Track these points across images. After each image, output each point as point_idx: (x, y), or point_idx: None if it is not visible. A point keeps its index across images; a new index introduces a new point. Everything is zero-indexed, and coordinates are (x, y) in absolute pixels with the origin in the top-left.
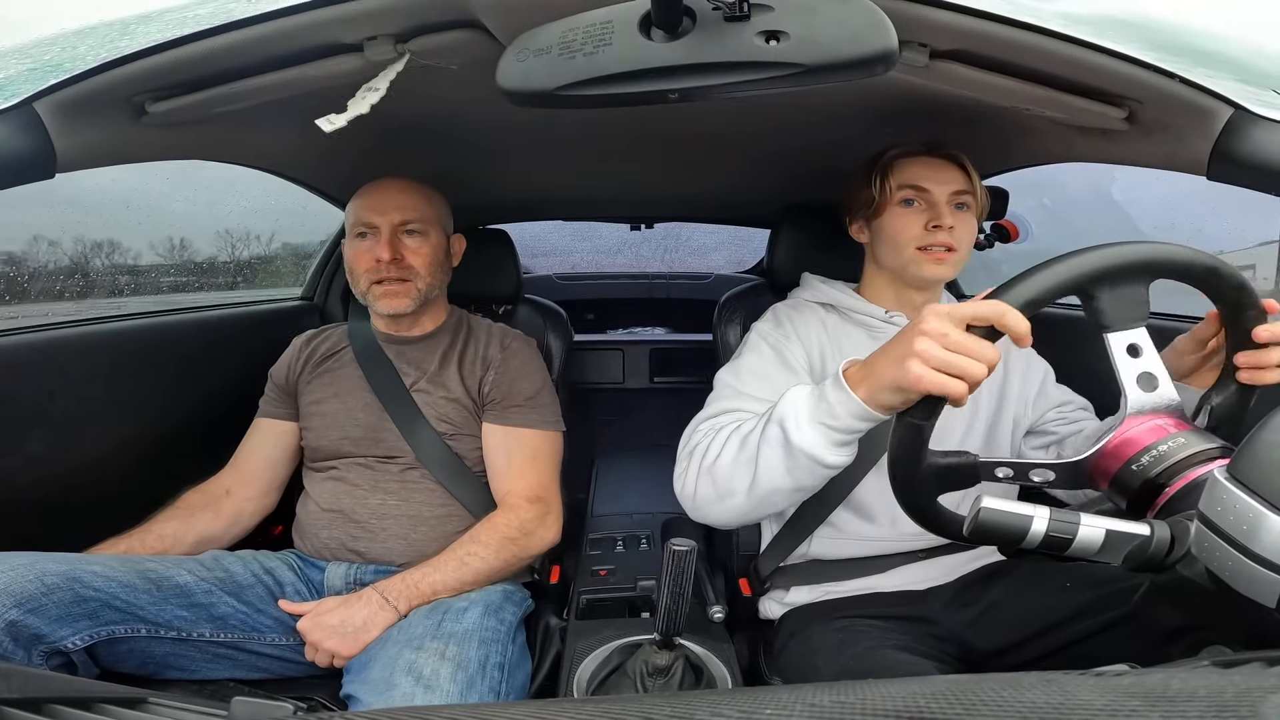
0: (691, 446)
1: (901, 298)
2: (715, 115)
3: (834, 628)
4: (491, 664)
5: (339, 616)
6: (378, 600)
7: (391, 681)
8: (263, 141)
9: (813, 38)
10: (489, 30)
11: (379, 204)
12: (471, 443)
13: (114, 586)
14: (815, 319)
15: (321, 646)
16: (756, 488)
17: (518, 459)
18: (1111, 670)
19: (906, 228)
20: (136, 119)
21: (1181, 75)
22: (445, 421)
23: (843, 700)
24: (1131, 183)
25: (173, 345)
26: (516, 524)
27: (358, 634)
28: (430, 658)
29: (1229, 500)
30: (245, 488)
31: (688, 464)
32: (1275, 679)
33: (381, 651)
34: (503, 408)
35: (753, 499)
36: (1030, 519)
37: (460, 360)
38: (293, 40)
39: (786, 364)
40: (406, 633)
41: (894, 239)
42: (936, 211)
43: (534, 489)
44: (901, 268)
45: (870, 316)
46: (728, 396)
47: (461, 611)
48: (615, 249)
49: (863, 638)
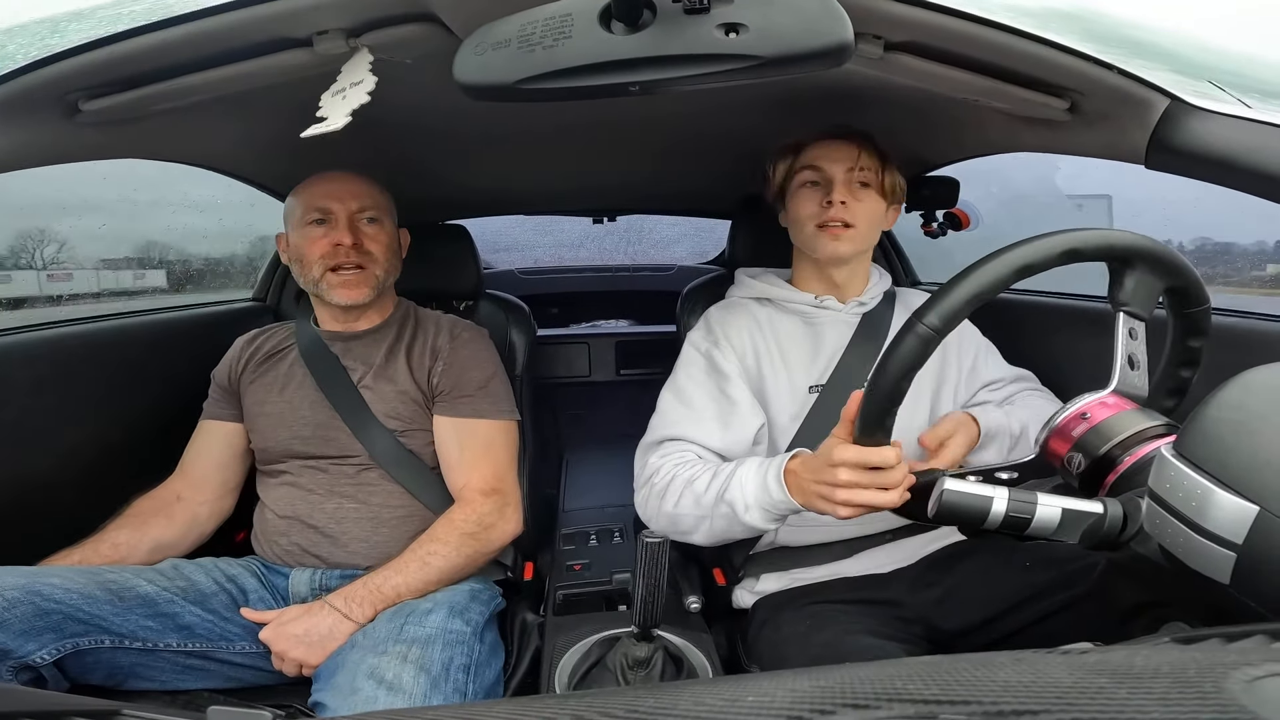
0: (646, 478)
1: (825, 280)
2: (675, 108)
3: (803, 614)
4: (455, 666)
5: (303, 625)
6: (342, 606)
7: (355, 686)
8: (206, 138)
9: (771, 30)
10: (445, 24)
11: (335, 191)
12: (425, 438)
13: (75, 598)
14: (747, 317)
15: (288, 656)
16: (711, 536)
17: (470, 451)
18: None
19: (805, 206)
20: (70, 118)
21: (1120, 67)
22: (395, 418)
23: (822, 684)
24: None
25: (120, 349)
26: (475, 518)
27: (323, 642)
28: (393, 661)
29: (1177, 477)
30: (196, 492)
31: (647, 495)
32: (1236, 654)
33: (347, 657)
34: (452, 398)
35: (709, 540)
36: (991, 500)
37: (409, 352)
38: (237, 36)
39: (719, 370)
40: (371, 638)
41: (797, 218)
42: (830, 188)
43: (489, 481)
44: (808, 247)
45: (802, 304)
46: (673, 423)
47: (425, 614)
48: (578, 242)
49: (831, 623)
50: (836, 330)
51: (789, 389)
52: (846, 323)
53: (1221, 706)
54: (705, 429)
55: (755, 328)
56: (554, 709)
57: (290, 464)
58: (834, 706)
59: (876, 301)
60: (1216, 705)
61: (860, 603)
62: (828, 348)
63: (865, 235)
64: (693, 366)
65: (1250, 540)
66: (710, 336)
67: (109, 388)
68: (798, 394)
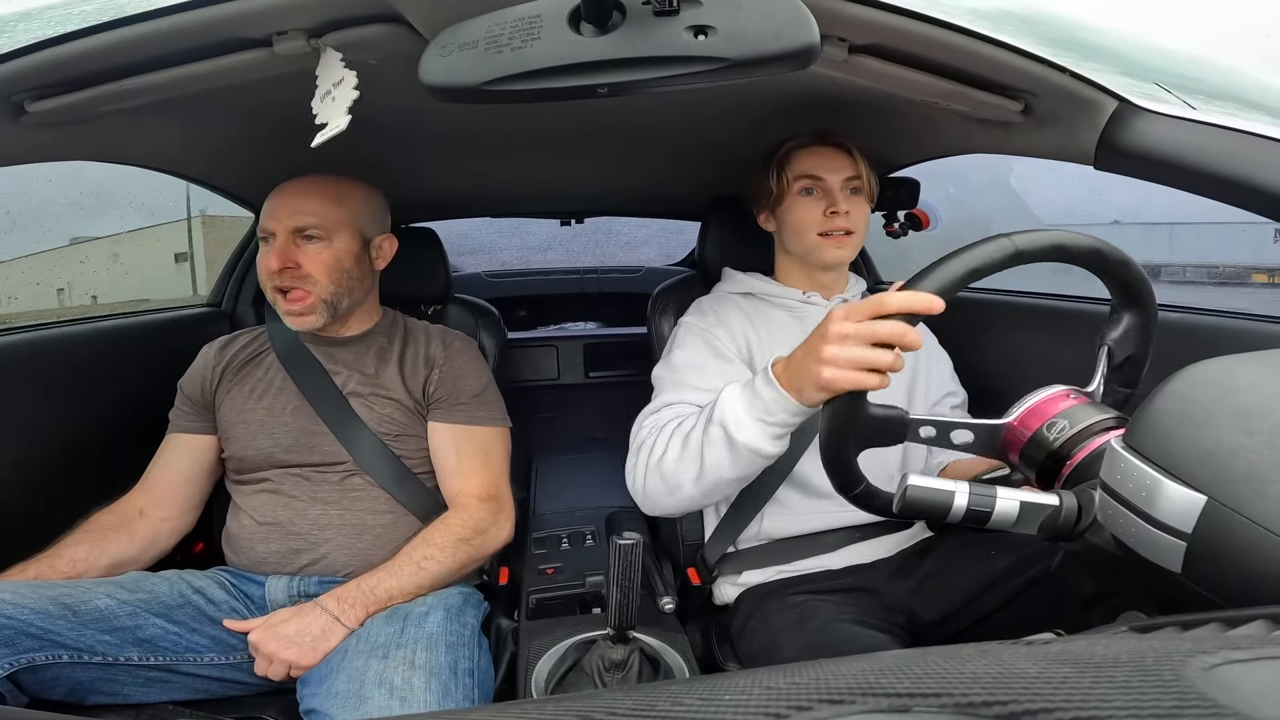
0: (639, 443)
1: (812, 279)
2: (644, 109)
3: (791, 604)
4: (462, 669)
5: (294, 626)
6: (334, 608)
7: (363, 695)
8: (159, 141)
9: (739, 32)
10: (411, 25)
11: (276, 209)
12: (414, 444)
13: (27, 614)
14: (737, 309)
15: (278, 658)
16: (703, 480)
17: (468, 457)
18: (1040, 639)
19: (807, 215)
20: (15, 119)
21: (1071, 69)
22: (389, 422)
23: (797, 681)
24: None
25: (65, 357)
26: (471, 524)
27: (316, 643)
28: (400, 667)
29: (1127, 469)
30: (160, 508)
31: (635, 460)
32: (1191, 643)
33: (345, 663)
34: (449, 406)
35: (700, 489)
36: (952, 494)
37: (400, 361)
38: (191, 36)
39: (717, 352)
40: (368, 641)
41: (797, 226)
42: (833, 198)
43: (485, 487)
44: (806, 253)
45: (788, 299)
46: (668, 389)
47: (423, 616)
48: (545, 245)
49: (819, 612)
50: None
51: None
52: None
53: (1181, 694)
54: (698, 393)
55: (745, 319)
56: (533, 714)
57: (271, 471)
58: (810, 702)
59: (857, 299)
60: (1176, 693)
61: (844, 591)
62: None
63: (861, 240)
64: (688, 347)
65: (1199, 529)
66: (705, 319)
67: (54, 397)
68: None
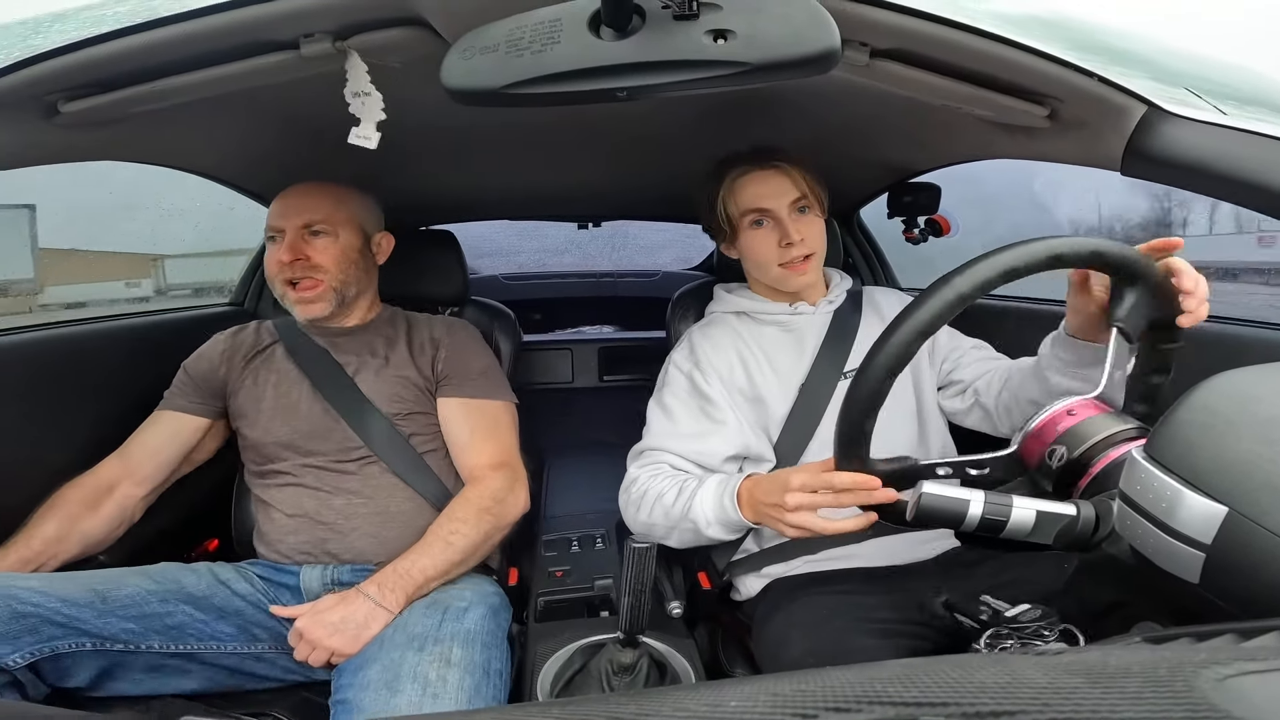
0: (627, 488)
1: (793, 294)
2: (662, 113)
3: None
4: (494, 669)
5: (339, 614)
6: (375, 594)
7: (397, 687)
8: (186, 142)
9: (758, 37)
10: (434, 28)
11: (283, 208)
12: (423, 420)
13: (54, 602)
14: (729, 331)
15: (321, 644)
16: (683, 544)
17: (480, 430)
18: (1051, 649)
19: (762, 249)
20: (48, 119)
21: (1100, 74)
22: (398, 400)
23: (804, 688)
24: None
25: (94, 356)
26: (489, 493)
27: (359, 631)
28: (435, 662)
29: (1148, 479)
30: (132, 481)
31: (625, 500)
32: (1206, 653)
33: (381, 653)
34: (459, 381)
35: (682, 546)
36: (968, 503)
37: (409, 342)
38: (221, 38)
39: (701, 394)
40: (405, 632)
41: (757, 260)
42: (784, 228)
43: (498, 456)
44: (774, 283)
45: (778, 314)
46: (656, 435)
47: (462, 611)
48: (562, 248)
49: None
50: (813, 330)
51: (780, 389)
52: (821, 322)
53: (1192, 705)
54: (684, 443)
55: (740, 342)
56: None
57: (289, 463)
58: (816, 710)
59: (843, 299)
60: (1188, 704)
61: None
62: (809, 347)
63: (823, 254)
64: (675, 385)
65: (1219, 540)
66: (692, 358)
67: (82, 395)
68: (789, 392)
